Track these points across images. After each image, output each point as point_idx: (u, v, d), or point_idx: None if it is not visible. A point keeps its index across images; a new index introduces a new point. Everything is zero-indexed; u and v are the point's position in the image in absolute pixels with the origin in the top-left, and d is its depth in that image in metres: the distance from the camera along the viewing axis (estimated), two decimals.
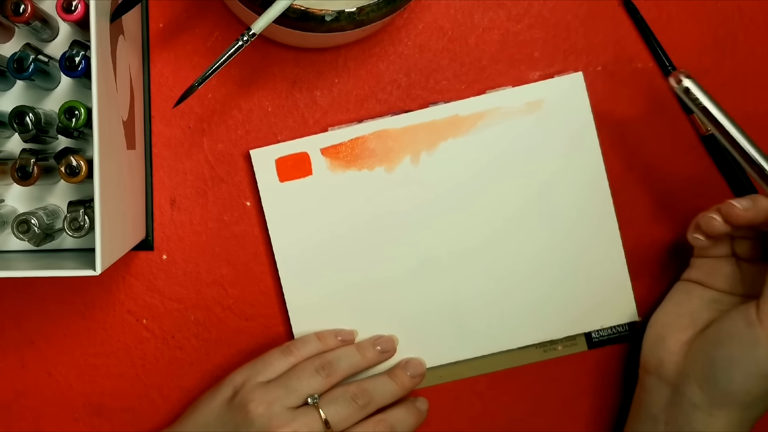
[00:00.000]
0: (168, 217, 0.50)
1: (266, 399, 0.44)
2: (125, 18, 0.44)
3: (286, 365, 0.47)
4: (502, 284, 0.50)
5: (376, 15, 0.42)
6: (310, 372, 0.46)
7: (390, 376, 0.48)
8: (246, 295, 0.50)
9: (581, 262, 0.50)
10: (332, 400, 0.45)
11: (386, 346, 0.49)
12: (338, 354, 0.47)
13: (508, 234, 0.50)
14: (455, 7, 0.50)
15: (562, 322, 0.50)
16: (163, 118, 0.50)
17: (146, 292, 0.50)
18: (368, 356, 0.48)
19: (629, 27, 0.51)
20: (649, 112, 0.51)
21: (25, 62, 0.42)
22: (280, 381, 0.46)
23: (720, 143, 0.50)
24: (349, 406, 0.45)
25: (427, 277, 0.50)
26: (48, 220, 0.44)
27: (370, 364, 0.49)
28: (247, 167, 0.50)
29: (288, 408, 0.44)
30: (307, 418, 0.44)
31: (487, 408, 0.52)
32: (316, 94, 0.50)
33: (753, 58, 0.51)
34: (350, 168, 0.49)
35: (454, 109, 0.49)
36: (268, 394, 0.44)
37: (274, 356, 0.47)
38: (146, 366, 0.51)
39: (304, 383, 0.45)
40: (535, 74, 0.51)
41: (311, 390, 0.45)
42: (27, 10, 0.41)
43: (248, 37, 0.41)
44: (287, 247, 0.49)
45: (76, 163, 0.42)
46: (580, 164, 0.50)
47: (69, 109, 0.42)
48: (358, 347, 0.48)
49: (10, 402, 0.50)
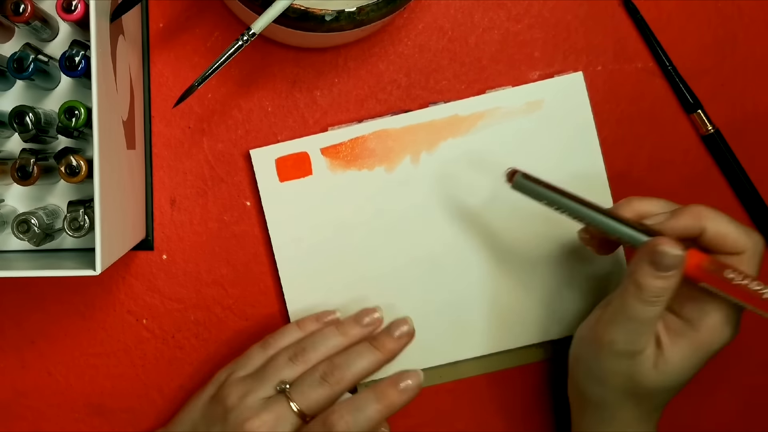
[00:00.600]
0: (168, 217, 0.50)
1: (241, 391, 0.43)
2: (125, 18, 0.44)
3: (265, 358, 0.46)
4: (502, 284, 0.50)
5: (376, 15, 0.42)
6: (284, 361, 0.44)
7: (370, 342, 0.44)
8: (246, 295, 0.50)
9: (581, 261, 0.50)
10: (301, 384, 0.43)
11: (370, 319, 0.46)
12: (314, 338, 0.45)
13: (509, 234, 0.50)
14: (455, 7, 0.50)
15: (561, 322, 0.50)
16: (163, 118, 0.50)
17: (146, 292, 0.50)
18: (351, 333, 0.45)
19: (629, 27, 0.51)
20: (649, 112, 0.51)
21: (25, 62, 0.42)
22: (256, 373, 0.45)
23: (720, 144, 0.50)
24: (319, 388, 0.42)
25: (427, 277, 0.50)
26: (48, 220, 0.44)
27: (353, 342, 0.45)
28: (247, 167, 0.50)
29: (261, 398, 0.43)
30: (278, 406, 0.42)
31: (487, 408, 0.52)
32: (316, 94, 0.50)
33: (753, 58, 0.51)
34: (350, 168, 0.49)
35: (454, 109, 0.49)
36: (243, 387, 0.44)
37: (254, 350, 0.46)
38: (146, 366, 0.51)
39: (278, 373, 0.44)
40: (535, 74, 0.51)
41: (285, 378, 0.43)
42: (27, 9, 0.41)
43: (248, 37, 0.41)
44: (287, 247, 0.49)
45: (76, 163, 0.42)
46: (580, 164, 0.50)
47: (69, 109, 0.42)
48: (339, 326, 0.46)
49: (10, 402, 0.50)
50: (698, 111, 0.51)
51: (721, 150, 0.51)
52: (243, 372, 0.45)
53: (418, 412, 0.51)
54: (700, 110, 0.50)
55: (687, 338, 0.41)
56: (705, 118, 0.50)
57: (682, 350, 0.41)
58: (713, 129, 0.50)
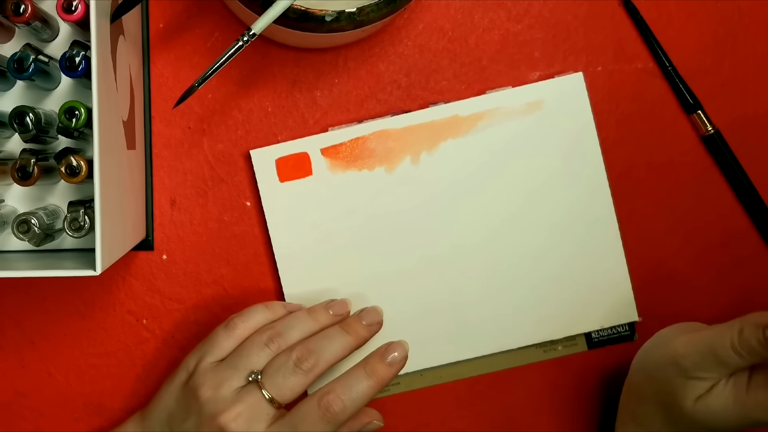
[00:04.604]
0: (168, 217, 0.50)
1: (215, 381, 0.42)
2: (125, 18, 0.44)
3: (233, 342, 0.44)
4: (502, 284, 0.50)
5: (376, 15, 0.42)
6: (258, 346, 0.43)
7: (342, 326, 0.44)
8: (246, 295, 0.50)
9: (581, 262, 0.50)
10: (274, 372, 0.42)
11: (339, 309, 0.46)
12: (288, 322, 0.44)
13: (509, 234, 0.50)
14: (455, 7, 0.50)
15: (562, 322, 0.50)
16: (163, 118, 0.50)
17: (146, 292, 0.50)
18: (321, 320, 0.45)
19: (629, 27, 0.51)
20: (649, 112, 0.51)
21: (25, 62, 0.42)
22: (230, 360, 0.43)
23: (720, 144, 0.50)
24: (293, 375, 0.42)
25: (428, 277, 0.50)
26: (48, 220, 0.44)
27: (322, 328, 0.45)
28: (247, 167, 0.50)
29: (235, 389, 0.42)
30: (251, 397, 0.42)
31: (487, 408, 0.52)
32: (316, 94, 0.50)
33: (753, 58, 0.51)
34: (350, 168, 0.49)
35: (454, 109, 0.49)
36: (217, 376, 0.43)
37: (219, 334, 0.45)
38: (146, 366, 0.51)
39: (253, 360, 0.43)
40: (535, 74, 0.51)
41: (260, 366, 0.43)
42: (27, 10, 0.41)
43: (248, 37, 0.41)
44: (287, 248, 0.49)
45: (76, 163, 0.42)
46: (580, 164, 0.50)
47: (69, 109, 0.42)
48: (310, 312, 0.45)
49: (10, 402, 0.50)
50: (698, 111, 0.51)
51: (721, 150, 0.51)
52: (212, 358, 0.44)
53: (418, 412, 0.51)
54: (700, 111, 0.50)
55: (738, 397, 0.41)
56: (705, 119, 0.50)
57: (726, 402, 0.41)
58: (713, 129, 0.50)
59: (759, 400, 0.40)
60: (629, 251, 0.50)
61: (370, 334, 0.46)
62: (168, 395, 0.46)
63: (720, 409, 0.41)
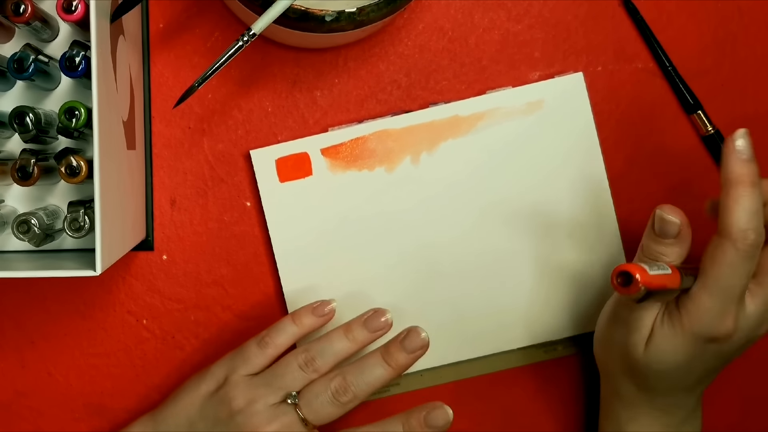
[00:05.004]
0: (168, 217, 0.50)
1: (249, 396, 0.43)
2: (125, 18, 0.44)
3: (266, 359, 0.45)
4: (503, 284, 0.50)
5: (376, 15, 0.42)
6: (294, 368, 0.44)
7: (383, 356, 0.44)
8: (246, 295, 0.50)
9: (581, 262, 0.50)
10: (312, 398, 0.43)
11: (376, 324, 0.45)
12: (323, 345, 0.45)
13: (509, 234, 0.50)
14: (455, 7, 0.50)
15: (562, 322, 0.50)
16: (163, 118, 0.50)
17: (146, 293, 0.50)
18: (359, 339, 0.45)
19: (629, 27, 0.51)
20: (649, 112, 0.51)
21: (25, 62, 0.42)
22: (264, 377, 0.44)
23: (720, 144, 0.50)
24: (330, 406, 0.43)
25: (428, 277, 0.50)
26: (48, 221, 0.44)
27: (361, 347, 0.45)
28: (247, 167, 0.50)
29: (270, 405, 0.43)
30: (287, 417, 0.43)
31: (487, 408, 0.52)
32: (316, 94, 0.50)
33: (753, 58, 0.51)
34: (350, 168, 0.49)
35: (454, 109, 0.49)
36: (251, 391, 0.44)
37: (251, 350, 0.45)
38: (146, 366, 0.51)
39: (288, 381, 0.44)
40: (535, 74, 0.51)
41: (295, 387, 0.44)
42: (27, 10, 0.41)
43: (248, 37, 0.41)
44: (287, 248, 0.49)
45: (76, 163, 0.42)
46: (581, 164, 0.50)
47: (69, 110, 0.42)
48: (347, 330, 0.45)
49: (10, 402, 0.50)
50: (698, 111, 0.51)
51: (721, 150, 0.51)
52: (244, 371, 0.45)
53: None
54: (700, 111, 0.51)
55: (676, 325, 0.41)
56: (705, 119, 0.50)
57: (668, 332, 0.42)
58: (713, 129, 0.50)
59: (692, 315, 0.41)
60: (629, 250, 0.50)
61: (413, 362, 0.45)
62: (189, 401, 0.46)
63: (667, 342, 0.42)
